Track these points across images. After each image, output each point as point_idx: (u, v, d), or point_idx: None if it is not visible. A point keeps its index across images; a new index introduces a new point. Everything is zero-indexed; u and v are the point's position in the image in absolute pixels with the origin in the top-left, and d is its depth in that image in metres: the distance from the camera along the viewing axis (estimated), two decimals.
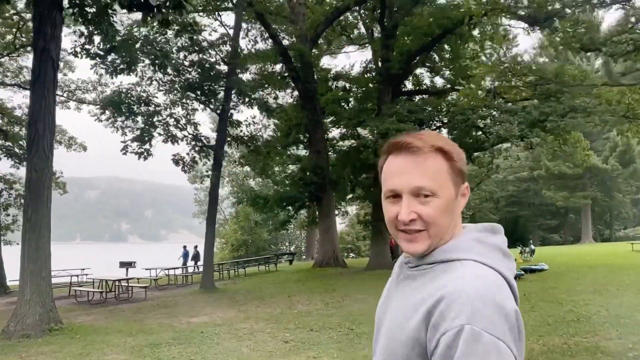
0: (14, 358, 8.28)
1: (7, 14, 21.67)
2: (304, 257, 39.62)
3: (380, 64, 22.89)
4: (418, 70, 26.32)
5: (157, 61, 9.85)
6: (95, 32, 11.50)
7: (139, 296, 17.38)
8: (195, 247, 28.95)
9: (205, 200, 45.93)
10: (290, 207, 23.77)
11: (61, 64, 25.71)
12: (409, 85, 26.66)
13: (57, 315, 10.61)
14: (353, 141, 26.62)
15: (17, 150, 21.61)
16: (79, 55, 12.95)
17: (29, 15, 22.30)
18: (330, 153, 25.63)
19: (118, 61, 13.59)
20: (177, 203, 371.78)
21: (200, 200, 46.26)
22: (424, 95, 26.47)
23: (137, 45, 12.74)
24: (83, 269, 25.50)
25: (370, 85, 25.59)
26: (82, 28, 12.02)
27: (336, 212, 25.54)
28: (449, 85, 26.14)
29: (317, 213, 25.40)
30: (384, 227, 21.00)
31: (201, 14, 19.28)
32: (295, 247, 47.26)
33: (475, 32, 20.64)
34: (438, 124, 20.79)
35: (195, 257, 28.47)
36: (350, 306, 12.48)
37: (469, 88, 18.83)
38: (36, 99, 10.40)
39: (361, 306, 12.33)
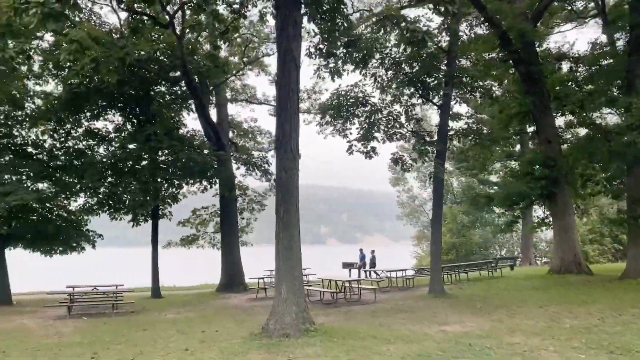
0: (283, 358, 8.18)
1: (232, 37, 23.54)
2: (520, 262, 35.95)
3: (628, 32, 19.12)
4: None
5: (416, 37, 9.12)
6: (330, 27, 11.39)
7: (367, 298, 17.11)
8: (372, 251, 28.10)
9: (408, 202, 45.32)
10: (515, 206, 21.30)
11: (272, 76, 27.55)
12: None
13: (309, 315, 10.54)
14: (584, 128, 23.01)
15: (248, 159, 23.44)
16: (313, 56, 13.14)
17: (246, 36, 24.23)
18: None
19: (348, 56, 13.39)
20: (370, 207, 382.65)
21: (402, 203, 45.79)
22: None
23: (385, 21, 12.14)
24: (304, 269, 26.74)
25: (604, 61, 21.75)
26: (313, 28, 12.10)
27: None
28: None
29: (548, 212, 22.36)
30: None
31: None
32: (506, 251, 43.50)
33: None
34: None
35: (372, 262, 27.61)
36: (635, 323, 10.03)
37: None
38: (282, 100, 10.55)
39: None
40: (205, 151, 19.63)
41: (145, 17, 16.44)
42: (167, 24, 17.09)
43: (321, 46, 12.78)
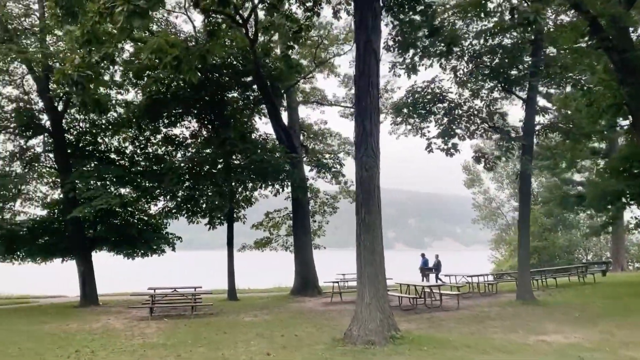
0: None
1: (304, 37, 23.15)
2: (611, 267, 33.19)
3: None
4: None
5: (527, 18, 8.27)
6: (410, 18, 10.85)
7: (449, 304, 16.26)
8: (437, 256, 26.59)
9: (484, 205, 43.40)
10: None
11: (341, 78, 27.14)
12: None
13: (394, 322, 9.98)
14: None
15: (320, 161, 23.15)
16: (391, 49, 12.62)
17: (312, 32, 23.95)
18: None
19: (428, 48, 12.74)
20: (439, 211, 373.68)
21: (478, 205, 43.78)
22: None
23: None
24: None
25: None
26: (391, 20, 11.59)
27: None
28: None
29: None
30: None
31: None
32: (593, 256, 40.47)
33: None
34: None
35: (437, 267, 26.16)
36: None
37: None
38: (361, 95, 10.12)
39: None
40: (278, 153, 19.57)
41: (220, 19, 16.58)
42: (243, 24, 17.22)
43: (399, 39, 12.20)
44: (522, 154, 15.61)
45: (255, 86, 21.57)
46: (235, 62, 20.47)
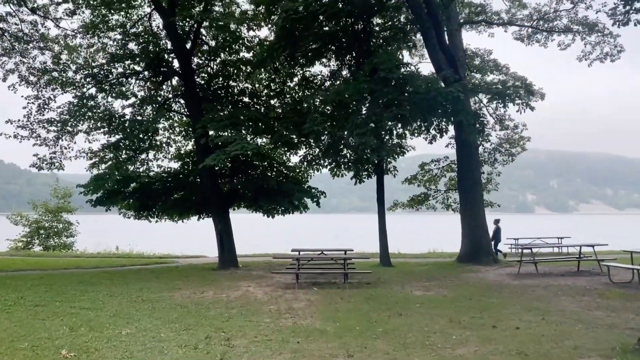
0: None
1: None
2: None
3: None
4: None
5: None
6: None
7: None
8: (496, 222, 19.14)
9: None
10: None
11: None
12: None
13: None
14: None
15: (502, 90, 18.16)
16: None
17: None
18: None
19: None
20: (585, 172, 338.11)
21: None
22: None
23: None
24: (561, 238, 20.95)
25: None
26: None
27: None
28: None
29: None
30: None
31: None
32: None
33: None
34: None
35: (495, 235, 19.02)
36: None
37: None
38: None
39: None
40: (443, 83, 15.10)
41: None
42: None
43: None
44: None
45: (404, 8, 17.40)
46: None
